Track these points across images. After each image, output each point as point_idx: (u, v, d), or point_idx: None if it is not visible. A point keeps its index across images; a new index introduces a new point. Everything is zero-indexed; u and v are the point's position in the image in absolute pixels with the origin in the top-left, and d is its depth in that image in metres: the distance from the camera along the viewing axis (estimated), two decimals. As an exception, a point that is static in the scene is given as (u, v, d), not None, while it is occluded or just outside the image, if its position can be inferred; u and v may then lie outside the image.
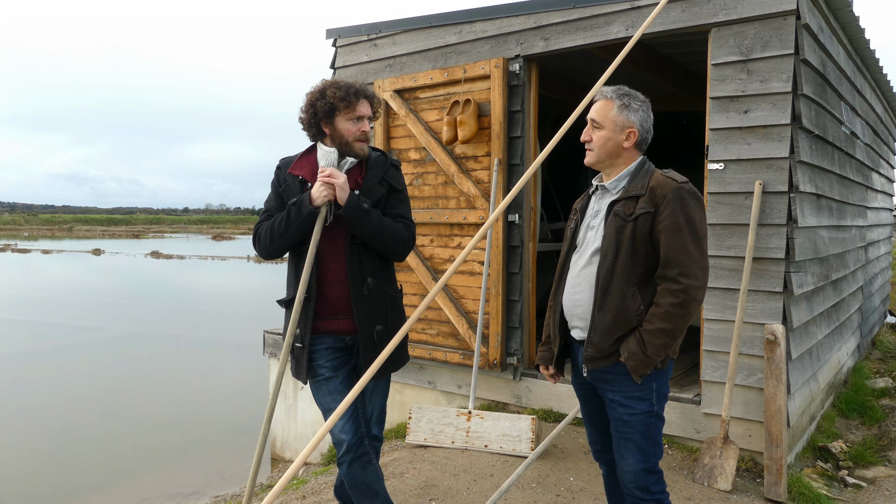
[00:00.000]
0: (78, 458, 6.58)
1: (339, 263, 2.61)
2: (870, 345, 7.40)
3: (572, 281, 2.40)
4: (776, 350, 3.63)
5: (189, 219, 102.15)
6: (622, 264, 2.25)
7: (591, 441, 2.63)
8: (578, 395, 2.58)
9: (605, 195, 2.40)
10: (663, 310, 2.20)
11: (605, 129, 2.34)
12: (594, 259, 2.34)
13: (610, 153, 2.36)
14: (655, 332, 2.21)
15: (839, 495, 3.81)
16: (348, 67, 5.66)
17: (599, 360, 2.31)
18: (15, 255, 34.42)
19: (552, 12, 4.57)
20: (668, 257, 2.21)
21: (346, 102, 2.58)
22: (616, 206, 2.31)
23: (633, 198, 2.29)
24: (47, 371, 10.00)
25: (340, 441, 2.55)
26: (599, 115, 2.35)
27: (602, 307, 2.28)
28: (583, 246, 2.41)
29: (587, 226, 2.43)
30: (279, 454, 6.19)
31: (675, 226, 2.20)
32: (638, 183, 2.32)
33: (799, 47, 3.73)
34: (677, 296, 2.19)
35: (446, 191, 5.07)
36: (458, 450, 4.26)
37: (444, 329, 5.11)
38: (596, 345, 2.30)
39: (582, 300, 2.36)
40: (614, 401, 2.34)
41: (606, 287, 2.27)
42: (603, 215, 2.36)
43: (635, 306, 2.25)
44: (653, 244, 2.24)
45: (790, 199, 3.80)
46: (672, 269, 2.20)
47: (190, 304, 17.07)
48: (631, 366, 2.24)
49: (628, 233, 2.25)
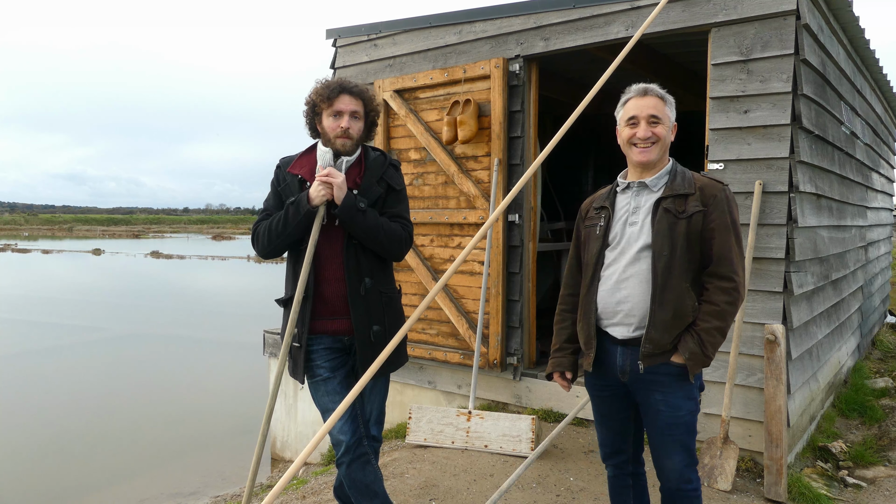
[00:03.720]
0: (78, 458, 6.59)
1: (336, 263, 2.60)
2: (870, 345, 7.40)
3: (615, 277, 2.35)
4: (776, 350, 3.63)
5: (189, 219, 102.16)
6: (679, 261, 2.26)
7: (603, 443, 2.58)
8: (596, 397, 2.52)
9: (643, 192, 2.38)
10: (719, 308, 2.23)
11: (663, 125, 2.35)
12: (643, 255, 2.31)
13: (665, 149, 2.38)
14: (712, 330, 2.24)
15: (839, 495, 3.81)
16: (348, 67, 5.66)
17: (657, 356, 2.28)
18: (15, 255, 34.42)
19: (552, 12, 4.57)
20: (720, 255, 2.25)
21: (324, 98, 2.58)
22: (665, 203, 2.30)
23: (682, 196, 2.30)
24: (47, 371, 10.00)
25: (339, 442, 2.55)
26: (659, 111, 2.34)
27: (662, 303, 2.26)
28: (622, 243, 2.37)
29: (625, 222, 2.39)
30: (279, 454, 6.19)
31: (725, 225, 2.26)
32: (682, 182, 2.33)
33: (799, 47, 3.73)
34: (730, 294, 2.24)
35: (446, 191, 5.06)
36: (458, 450, 4.25)
37: (444, 329, 5.11)
38: (655, 341, 2.27)
39: (629, 297, 2.32)
40: (660, 402, 2.32)
41: (665, 283, 2.26)
42: (647, 212, 2.34)
43: (691, 303, 2.27)
44: (702, 243, 2.27)
45: (790, 199, 3.80)
46: (724, 267, 2.25)
47: (190, 304, 17.07)
48: (690, 365, 2.25)
49: (682, 230, 2.26)
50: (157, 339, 12.49)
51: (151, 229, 73.17)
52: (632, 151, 2.38)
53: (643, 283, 2.30)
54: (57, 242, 46.98)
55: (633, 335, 2.33)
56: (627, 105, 2.40)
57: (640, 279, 2.31)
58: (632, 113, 2.36)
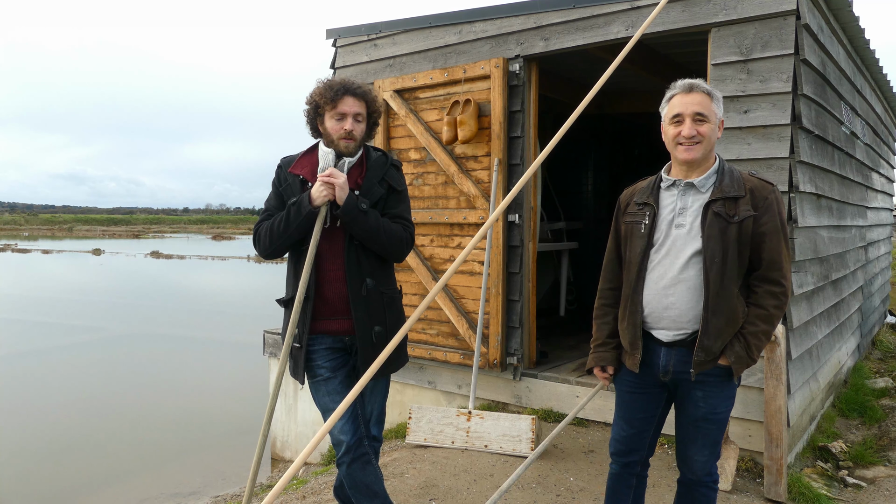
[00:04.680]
0: (78, 458, 6.58)
1: (337, 263, 2.60)
2: (870, 345, 7.40)
3: (664, 283, 2.31)
4: (776, 350, 3.63)
5: (189, 219, 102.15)
6: (731, 267, 2.23)
7: (618, 439, 2.53)
8: (627, 393, 2.48)
9: (691, 192, 2.32)
10: (768, 312, 2.22)
11: (710, 122, 2.27)
12: (694, 261, 2.27)
13: (712, 147, 2.32)
14: (759, 334, 2.23)
15: (839, 495, 3.81)
16: (348, 67, 5.66)
17: (708, 363, 2.27)
18: (15, 255, 34.41)
19: (552, 12, 4.57)
20: (771, 259, 2.23)
21: (328, 100, 2.56)
22: (715, 207, 2.25)
23: (732, 199, 2.25)
24: (47, 371, 10.00)
25: (340, 442, 2.55)
26: (705, 108, 2.27)
27: (716, 311, 2.23)
28: (667, 244, 2.33)
29: (671, 223, 2.33)
30: (279, 454, 6.19)
31: (776, 229, 2.24)
32: (732, 183, 2.27)
33: (799, 47, 3.73)
34: (779, 298, 2.23)
35: (446, 191, 5.07)
36: (458, 450, 4.25)
37: (445, 329, 5.11)
38: (707, 349, 2.24)
39: (678, 303, 2.29)
40: (700, 399, 2.32)
41: (719, 291, 2.22)
42: (697, 214, 2.28)
43: (742, 308, 2.26)
44: (752, 246, 2.24)
45: (790, 199, 3.80)
46: (775, 272, 2.23)
47: (190, 303, 17.06)
48: (736, 368, 2.25)
49: (733, 235, 2.22)
50: (157, 339, 12.48)
51: (151, 229, 73.16)
52: (676, 150, 2.31)
53: (693, 289, 2.27)
54: (57, 242, 46.96)
55: (678, 338, 2.31)
56: (672, 101, 2.32)
57: (689, 285, 2.28)
58: (677, 110, 2.29)
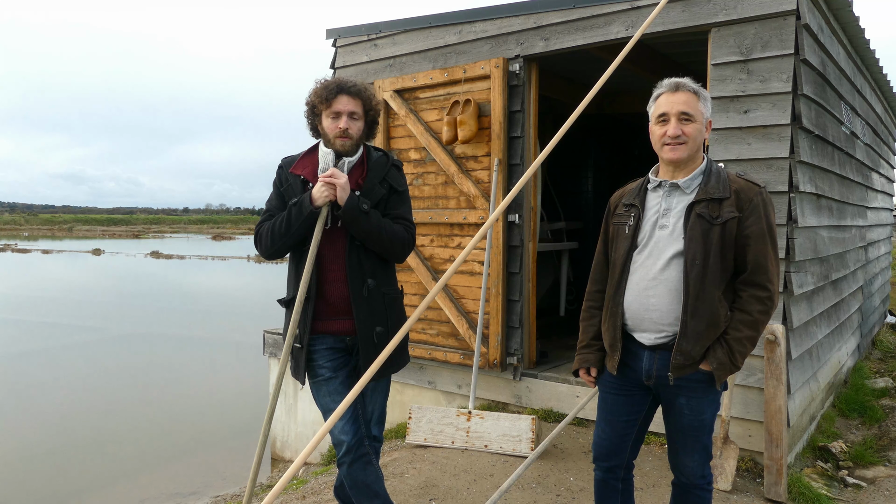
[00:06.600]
0: (78, 458, 6.59)
1: (339, 264, 2.60)
2: (870, 345, 7.40)
3: (644, 284, 2.28)
4: (776, 350, 3.63)
5: (189, 219, 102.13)
6: (712, 269, 2.18)
7: (600, 443, 2.49)
8: (610, 395, 2.45)
9: (676, 193, 2.29)
10: (753, 317, 2.18)
11: (696, 122, 2.24)
12: (675, 262, 2.23)
13: (698, 147, 2.28)
14: (743, 339, 2.18)
15: (839, 495, 3.81)
16: (348, 67, 5.66)
17: (687, 367, 2.22)
18: (15, 255, 34.42)
19: (552, 12, 4.57)
20: (757, 263, 2.18)
21: (323, 100, 2.57)
22: (698, 208, 2.21)
23: (717, 200, 2.21)
24: (47, 371, 10.00)
25: (340, 442, 2.55)
26: (691, 107, 2.23)
27: (694, 314, 2.18)
28: (650, 245, 2.30)
29: (654, 224, 2.30)
30: (279, 454, 6.19)
31: (761, 232, 2.19)
32: (717, 184, 2.24)
33: (799, 47, 3.73)
34: (764, 303, 2.18)
35: (446, 191, 5.07)
36: (458, 450, 4.26)
37: (445, 329, 5.11)
38: (686, 353, 2.20)
39: (659, 305, 2.25)
40: (684, 406, 2.29)
41: (698, 293, 2.18)
42: (680, 216, 2.25)
43: (724, 312, 2.21)
44: (736, 249, 2.20)
45: (790, 199, 3.80)
46: (761, 276, 2.18)
47: (190, 304, 17.07)
48: (718, 374, 2.21)
49: (716, 237, 2.18)
50: (157, 339, 12.49)
51: (151, 229, 73.16)
52: (662, 150, 2.28)
53: (673, 290, 2.23)
54: (57, 242, 46.97)
55: (660, 341, 2.27)
56: (658, 101, 2.29)
57: (669, 286, 2.24)
58: (662, 109, 2.26)
